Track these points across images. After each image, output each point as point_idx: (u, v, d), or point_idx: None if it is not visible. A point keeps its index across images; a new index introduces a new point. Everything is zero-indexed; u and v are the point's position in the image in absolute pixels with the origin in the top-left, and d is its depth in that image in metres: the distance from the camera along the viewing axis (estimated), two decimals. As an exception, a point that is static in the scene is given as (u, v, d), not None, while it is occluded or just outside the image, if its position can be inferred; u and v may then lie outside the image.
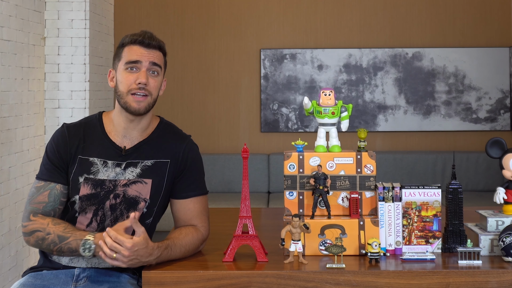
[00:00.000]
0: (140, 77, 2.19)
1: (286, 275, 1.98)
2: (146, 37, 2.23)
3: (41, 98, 4.43)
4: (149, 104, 2.23)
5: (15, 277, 3.96)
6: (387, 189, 2.17)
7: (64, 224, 2.16)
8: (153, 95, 2.24)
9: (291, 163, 2.24)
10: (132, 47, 2.22)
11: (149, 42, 2.23)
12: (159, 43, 2.26)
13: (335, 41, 6.12)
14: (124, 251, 1.98)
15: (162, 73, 2.27)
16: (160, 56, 2.26)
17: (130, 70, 2.21)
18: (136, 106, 2.20)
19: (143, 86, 2.20)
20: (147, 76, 2.20)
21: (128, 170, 2.23)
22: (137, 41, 2.22)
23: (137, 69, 2.21)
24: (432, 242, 2.17)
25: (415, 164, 5.88)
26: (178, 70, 6.11)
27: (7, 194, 3.87)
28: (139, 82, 2.19)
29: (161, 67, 2.26)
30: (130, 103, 2.20)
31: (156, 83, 2.24)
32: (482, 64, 6.04)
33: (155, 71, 2.24)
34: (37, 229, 2.16)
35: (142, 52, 2.21)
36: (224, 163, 5.91)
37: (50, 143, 2.29)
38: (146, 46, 2.22)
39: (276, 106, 6.08)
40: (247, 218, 2.12)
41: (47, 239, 2.14)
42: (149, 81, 2.21)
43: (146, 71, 2.21)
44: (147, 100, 2.22)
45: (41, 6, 4.41)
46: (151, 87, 2.22)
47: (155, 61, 2.22)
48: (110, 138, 2.27)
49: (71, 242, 2.11)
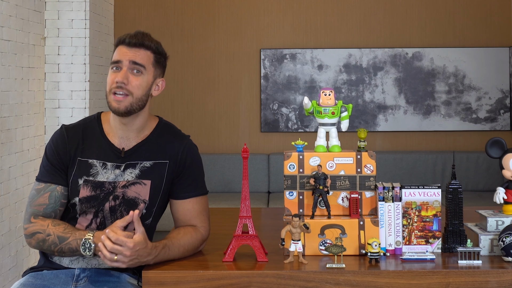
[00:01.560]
0: (118, 76, 2.17)
1: (286, 275, 1.98)
2: (131, 36, 2.20)
3: (41, 98, 4.43)
4: (131, 103, 2.18)
5: (15, 277, 3.96)
6: (387, 189, 2.17)
7: (64, 225, 2.16)
8: (135, 94, 2.19)
9: (291, 163, 2.24)
10: (119, 47, 2.22)
11: (130, 40, 2.19)
12: (142, 41, 2.21)
13: (335, 41, 6.12)
14: (126, 251, 1.98)
15: (149, 73, 2.22)
16: (144, 55, 2.20)
17: (115, 70, 2.20)
18: (115, 105, 2.18)
19: (120, 85, 2.16)
20: (126, 75, 2.17)
21: (127, 172, 2.23)
22: (121, 41, 2.21)
23: (119, 69, 2.19)
24: (432, 242, 2.17)
25: (415, 164, 5.88)
26: (178, 70, 6.11)
27: (7, 194, 3.87)
28: (116, 80, 2.17)
29: (144, 66, 2.20)
30: (111, 103, 2.19)
31: (138, 82, 2.19)
32: (482, 64, 6.04)
33: (138, 70, 2.19)
34: (37, 231, 2.16)
35: (124, 52, 2.19)
36: (224, 163, 5.91)
37: (49, 144, 2.28)
38: (127, 45, 2.20)
39: (276, 106, 6.08)
40: (247, 218, 2.12)
41: (47, 240, 2.14)
42: (129, 80, 2.17)
43: (126, 70, 2.18)
44: (127, 100, 2.17)
45: (41, 6, 4.40)
46: (132, 86, 2.18)
47: (135, 60, 2.18)
48: (109, 139, 2.26)
49: (71, 242, 2.10)
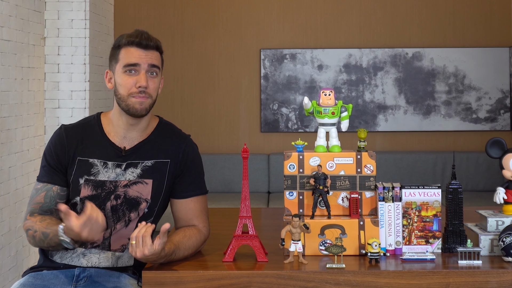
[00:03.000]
0: (140, 81, 2.17)
1: (286, 275, 1.97)
2: (143, 38, 2.20)
3: (41, 98, 4.43)
4: (150, 105, 2.22)
5: (15, 277, 3.96)
6: (387, 189, 2.17)
7: (48, 220, 2.15)
8: (153, 96, 2.23)
9: (291, 163, 2.24)
10: (130, 49, 2.19)
11: (147, 43, 2.20)
12: (156, 43, 2.23)
13: (335, 41, 6.12)
14: (139, 252, 1.95)
15: (160, 74, 2.26)
16: (158, 56, 2.24)
17: (129, 73, 2.19)
18: (138, 107, 2.19)
19: (143, 90, 2.18)
20: (146, 79, 2.19)
21: (128, 171, 2.23)
22: (134, 43, 2.19)
23: (136, 72, 2.19)
24: (432, 242, 2.17)
25: (415, 164, 5.88)
26: (178, 70, 6.11)
27: (7, 194, 3.87)
28: (139, 85, 2.17)
29: (160, 67, 2.24)
30: (133, 105, 2.18)
31: (155, 84, 2.22)
32: (482, 64, 6.04)
33: (154, 72, 2.22)
34: (29, 227, 2.18)
35: (140, 54, 2.18)
36: (224, 163, 5.91)
37: (48, 145, 2.29)
38: (144, 48, 2.19)
39: (276, 106, 6.08)
40: (247, 218, 2.11)
41: (35, 236, 2.15)
42: (148, 84, 2.19)
43: (145, 74, 2.19)
44: (147, 102, 2.20)
45: (41, 6, 4.40)
46: (151, 89, 2.20)
47: (153, 63, 2.20)
48: (110, 138, 2.27)
49: (53, 238, 2.09)
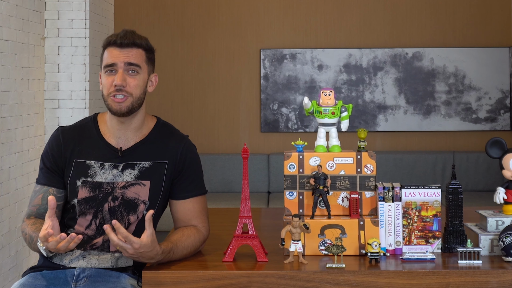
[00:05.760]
0: (116, 79, 2.16)
1: (286, 275, 1.97)
2: (119, 36, 2.19)
3: (41, 98, 4.43)
4: (132, 103, 2.19)
5: (15, 277, 3.96)
6: (387, 189, 2.17)
7: (38, 224, 2.18)
8: (135, 94, 2.19)
9: (291, 163, 2.24)
10: (109, 49, 2.20)
11: (122, 41, 2.18)
12: (133, 40, 2.20)
13: (335, 41, 6.12)
14: (130, 249, 1.97)
15: (144, 71, 2.23)
16: (137, 53, 2.20)
17: (110, 73, 2.19)
18: (116, 107, 2.18)
19: (120, 88, 2.16)
20: (124, 78, 2.17)
21: (126, 172, 2.23)
22: (111, 43, 2.19)
23: (115, 72, 2.18)
24: (432, 242, 2.17)
25: (415, 164, 5.88)
26: (178, 70, 6.11)
27: (7, 194, 3.87)
28: (115, 84, 2.16)
29: (139, 65, 2.20)
30: (111, 105, 2.19)
31: (136, 82, 2.19)
32: (482, 64, 6.04)
33: (134, 70, 2.19)
34: (23, 229, 2.22)
35: (116, 54, 2.18)
36: (224, 163, 5.91)
37: (45, 147, 2.31)
38: (119, 46, 2.18)
39: (276, 106, 6.08)
40: (247, 218, 2.11)
41: (26, 239, 2.19)
42: (127, 82, 2.18)
43: (123, 72, 2.17)
44: (128, 101, 2.18)
45: (41, 6, 4.40)
46: (130, 87, 2.18)
47: (130, 61, 2.18)
48: (106, 139, 2.26)
49: (38, 244, 2.12)
